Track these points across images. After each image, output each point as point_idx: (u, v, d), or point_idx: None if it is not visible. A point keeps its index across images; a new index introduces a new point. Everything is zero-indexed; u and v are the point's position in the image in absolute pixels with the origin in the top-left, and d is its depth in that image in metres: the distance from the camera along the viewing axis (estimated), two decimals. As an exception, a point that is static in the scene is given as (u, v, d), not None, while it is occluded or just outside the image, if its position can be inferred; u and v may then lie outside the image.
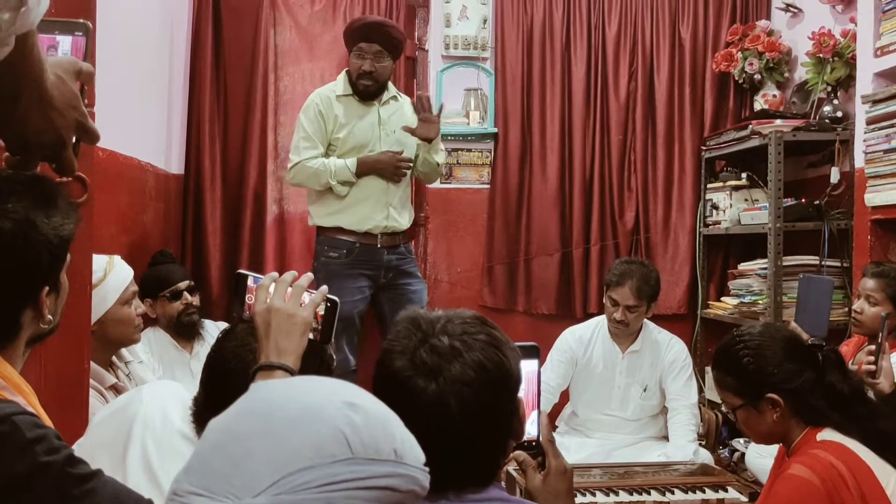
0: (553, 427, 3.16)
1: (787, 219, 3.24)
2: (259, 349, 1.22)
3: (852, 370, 1.86)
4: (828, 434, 1.59)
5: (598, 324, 3.16)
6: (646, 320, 3.08)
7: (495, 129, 3.84)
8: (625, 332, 3.04)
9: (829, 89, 3.37)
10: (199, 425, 1.32)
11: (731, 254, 3.90)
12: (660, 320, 3.32)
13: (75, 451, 0.94)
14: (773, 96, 3.73)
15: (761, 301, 3.34)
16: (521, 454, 1.21)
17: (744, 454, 3.12)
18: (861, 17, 3.00)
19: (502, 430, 1.08)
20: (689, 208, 3.89)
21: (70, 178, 1.34)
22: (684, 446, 2.88)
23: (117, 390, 2.00)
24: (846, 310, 3.07)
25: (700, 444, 3.01)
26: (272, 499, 0.67)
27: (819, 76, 3.37)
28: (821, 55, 3.33)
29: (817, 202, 3.27)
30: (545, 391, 2.93)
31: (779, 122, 3.34)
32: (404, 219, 3.23)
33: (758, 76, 3.73)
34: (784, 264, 3.23)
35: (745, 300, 3.45)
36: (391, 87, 3.28)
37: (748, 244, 3.76)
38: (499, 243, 3.86)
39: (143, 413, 1.35)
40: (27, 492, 0.88)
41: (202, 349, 2.83)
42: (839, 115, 3.31)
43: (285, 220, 3.67)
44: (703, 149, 3.86)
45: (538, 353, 1.24)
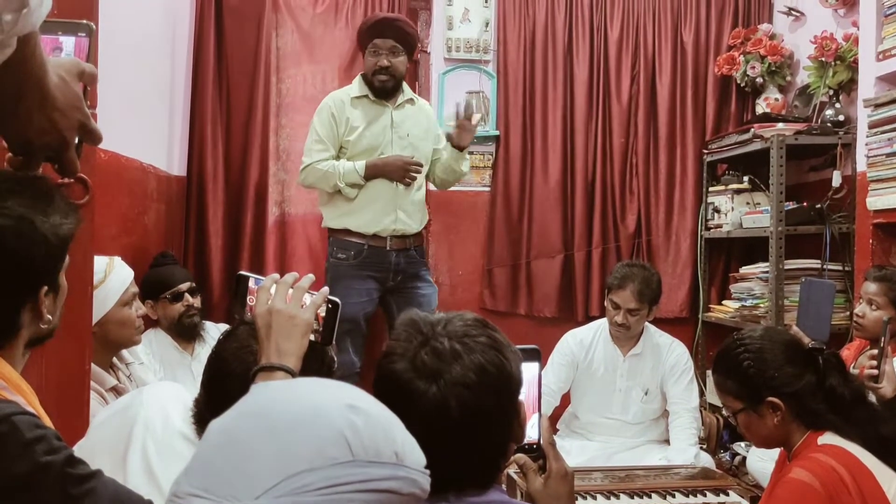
0: (554, 430, 3.15)
1: (789, 222, 3.24)
2: (260, 350, 1.22)
3: (853, 374, 1.86)
4: (829, 438, 1.59)
5: (600, 327, 3.16)
6: (647, 323, 3.08)
7: (497, 132, 3.84)
8: (626, 336, 3.04)
9: (831, 93, 3.37)
10: (200, 427, 1.32)
11: (732, 257, 3.90)
12: (661, 323, 3.32)
13: (76, 452, 0.94)
14: (775, 100, 3.73)
15: (763, 305, 3.34)
16: (521, 457, 1.21)
17: (745, 458, 3.12)
18: (863, 21, 3.00)
19: (503, 432, 1.08)
20: (691, 211, 3.89)
21: (72, 180, 1.34)
22: (685, 450, 2.88)
23: (118, 392, 2.00)
24: (848, 313, 3.07)
25: (701, 448, 3.01)
26: (273, 501, 0.67)
27: (821, 80, 3.38)
28: (823, 59, 3.33)
29: (819, 206, 3.27)
30: (546, 394, 2.92)
31: (781, 125, 3.35)
32: (415, 222, 3.19)
33: (760, 80, 3.73)
34: (786, 268, 3.23)
35: (747, 304, 3.45)
36: (407, 90, 3.25)
37: (750, 247, 3.76)
38: (500, 246, 3.86)
39: (143, 414, 1.35)
40: (27, 492, 0.88)
41: (203, 351, 2.83)
42: (841, 118, 3.31)
43: (287, 222, 3.67)
44: (704, 152, 3.85)
45: (539, 356, 1.24)
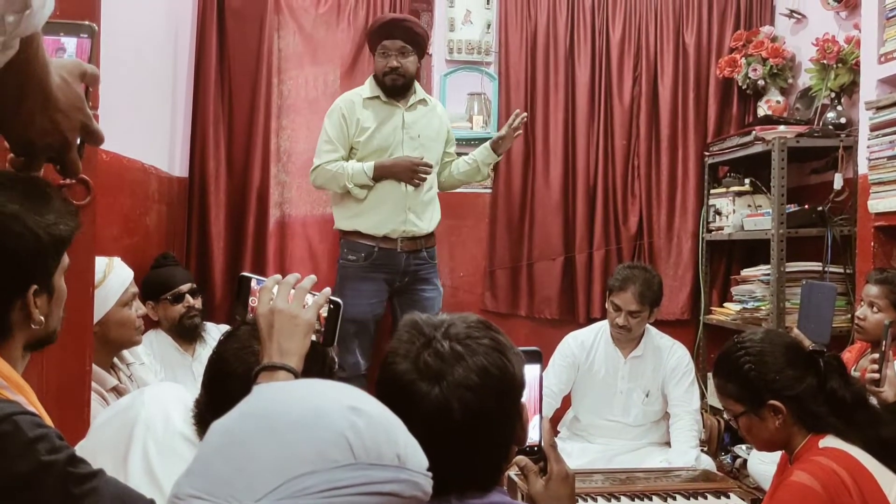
0: (555, 432, 3.16)
1: (791, 225, 3.24)
2: (262, 350, 1.22)
3: (854, 377, 1.86)
4: (830, 441, 1.59)
5: (601, 329, 3.15)
6: (648, 326, 3.08)
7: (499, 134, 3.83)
8: (627, 338, 3.04)
9: (833, 95, 3.37)
10: (201, 427, 1.32)
11: (733, 259, 3.89)
12: (662, 326, 3.32)
13: (77, 452, 0.94)
14: (777, 102, 3.73)
15: (764, 307, 3.34)
16: (523, 459, 1.21)
17: (746, 460, 3.12)
18: (865, 24, 3.00)
19: (505, 434, 1.07)
20: (693, 214, 3.89)
21: (74, 180, 1.34)
22: (686, 452, 2.88)
23: (119, 392, 2.00)
24: (849, 316, 3.07)
25: (702, 451, 3.00)
26: (274, 503, 0.67)
27: (823, 82, 3.38)
28: (824, 61, 3.33)
29: (820, 208, 3.27)
30: (547, 396, 2.93)
31: (782, 128, 3.35)
32: (425, 223, 3.18)
33: (761, 82, 3.73)
34: (787, 270, 3.23)
35: (748, 306, 3.45)
36: (419, 90, 3.25)
37: (751, 250, 3.76)
38: (501, 247, 3.86)
39: (144, 415, 1.34)
40: (29, 491, 0.88)
41: (204, 351, 2.82)
42: (843, 121, 3.31)
43: (288, 224, 3.67)
44: (706, 154, 3.85)
45: (540, 358, 1.24)
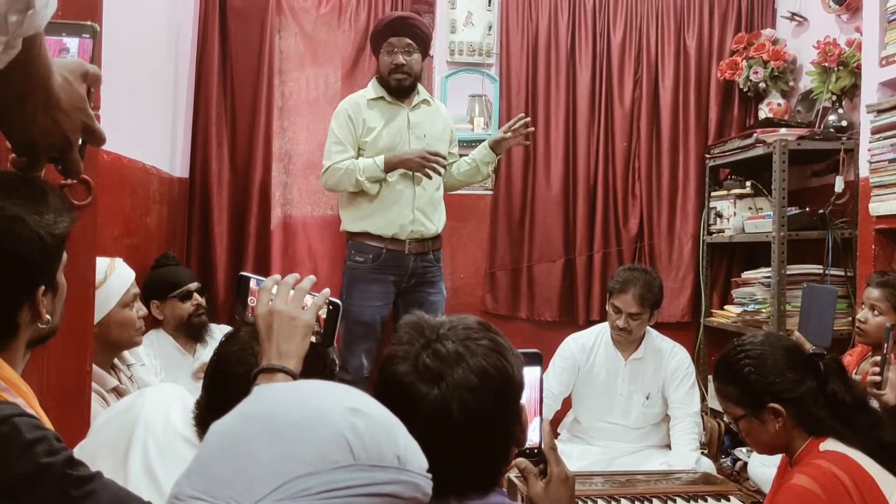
0: (555, 434, 3.15)
1: (791, 227, 3.24)
2: (261, 352, 1.22)
3: (855, 379, 1.86)
4: (831, 444, 1.58)
5: (601, 331, 3.15)
6: (649, 328, 3.07)
7: (499, 136, 3.83)
8: (627, 340, 3.04)
9: (834, 98, 3.37)
10: (201, 428, 1.32)
11: (734, 262, 3.89)
12: (663, 328, 3.31)
13: (77, 453, 0.94)
14: (778, 105, 3.73)
15: (765, 310, 3.34)
16: (522, 461, 1.21)
17: (746, 463, 3.11)
18: (866, 27, 3.00)
19: (504, 436, 1.07)
20: (693, 216, 3.88)
21: (75, 181, 1.34)
22: (686, 455, 2.87)
23: (119, 393, 2.00)
24: (850, 319, 3.07)
25: (702, 453, 3.00)
26: (273, 504, 0.67)
27: (824, 85, 3.38)
28: (826, 64, 3.33)
29: (821, 211, 3.26)
30: (547, 398, 2.92)
31: (783, 130, 3.34)
32: (433, 223, 3.18)
33: (762, 85, 3.73)
34: (788, 273, 3.23)
35: (749, 309, 3.44)
36: (422, 91, 3.27)
37: (752, 252, 3.76)
38: (502, 249, 3.86)
39: (144, 416, 1.34)
40: (27, 493, 0.88)
41: (205, 352, 2.82)
42: (844, 124, 3.31)
43: (291, 224, 3.67)
44: (707, 157, 3.85)
45: (541, 360, 1.24)
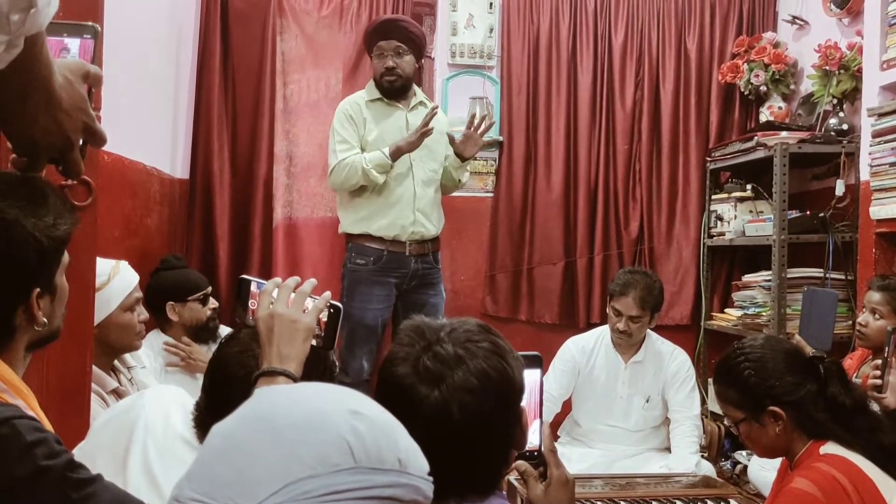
0: (555, 437, 3.15)
1: (792, 231, 3.24)
2: (261, 355, 1.21)
3: (855, 383, 1.85)
4: (831, 447, 1.58)
5: (601, 334, 3.15)
6: (649, 331, 3.07)
7: (500, 138, 3.83)
8: (628, 343, 3.04)
9: (835, 102, 3.37)
10: (201, 430, 1.32)
11: (735, 265, 3.89)
12: (663, 331, 3.31)
13: (77, 454, 0.94)
14: (779, 108, 3.73)
15: (765, 313, 3.33)
16: (522, 464, 1.21)
17: (746, 466, 3.11)
18: (867, 31, 3.00)
19: (504, 438, 1.07)
20: (694, 219, 3.88)
21: (76, 181, 1.34)
22: (686, 458, 2.87)
23: (119, 394, 1.99)
24: (850, 322, 3.07)
25: (702, 456, 3.00)
26: (273, 506, 0.67)
27: (825, 88, 3.38)
28: (827, 68, 3.33)
29: (822, 214, 3.26)
30: (547, 401, 2.92)
31: (784, 134, 3.34)
32: (433, 224, 3.18)
33: (763, 88, 3.73)
34: (788, 276, 3.23)
35: (749, 312, 3.44)
36: (419, 93, 3.26)
37: (752, 256, 3.75)
38: (502, 252, 3.86)
39: (144, 418, 1.34)
40: (27, 495, 0.88)
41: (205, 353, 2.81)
42: (845, 127, 3.31)
43: (293, 226, 3.66)
44: (708, 160, 3.85)
45: (541, 363, 1.24)
